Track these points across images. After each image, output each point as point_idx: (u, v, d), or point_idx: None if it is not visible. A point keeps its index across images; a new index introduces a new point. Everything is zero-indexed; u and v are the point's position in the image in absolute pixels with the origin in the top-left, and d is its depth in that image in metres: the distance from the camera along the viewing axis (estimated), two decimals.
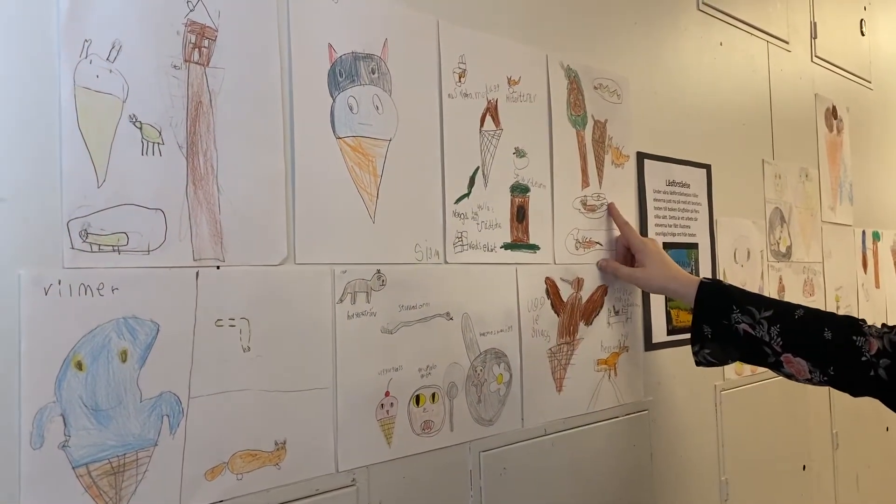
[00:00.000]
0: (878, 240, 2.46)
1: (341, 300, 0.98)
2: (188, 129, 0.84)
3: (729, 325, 1.19)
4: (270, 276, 0.91)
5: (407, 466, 1.05)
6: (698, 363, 1.28)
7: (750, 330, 1.18)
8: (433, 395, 1.09)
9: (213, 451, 0.85)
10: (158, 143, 0.82)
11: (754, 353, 1.19)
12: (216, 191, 0.86)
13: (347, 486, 0.98)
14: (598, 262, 1.39)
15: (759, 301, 1.20)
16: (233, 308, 0.87)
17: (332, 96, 0.99)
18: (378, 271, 1.02)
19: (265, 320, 0.90)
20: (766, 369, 1.40)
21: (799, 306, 1.18)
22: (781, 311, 1.17)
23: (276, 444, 0.90)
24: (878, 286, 2.43)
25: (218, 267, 0.86)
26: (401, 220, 1.06)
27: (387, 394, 1.03)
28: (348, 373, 0.98)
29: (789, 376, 1.17)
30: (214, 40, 0.87)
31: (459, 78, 1.16)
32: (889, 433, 2.43)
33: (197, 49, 0.86)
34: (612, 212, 1.41)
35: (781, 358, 1.15)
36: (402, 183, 1.06)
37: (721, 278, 1.68)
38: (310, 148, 0.95)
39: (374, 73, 1.04)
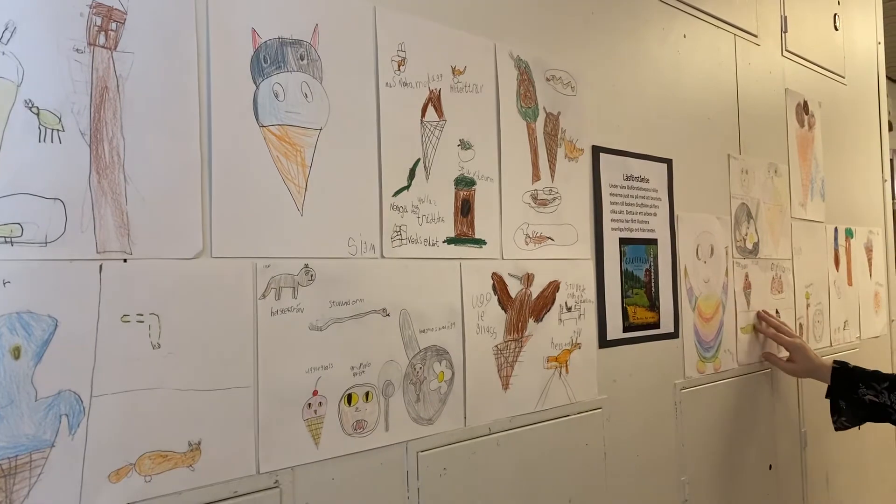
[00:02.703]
0: (852, 237, 2.43)
1: (264, 296, 0.94)
2: (92, 116, 0.80)
3: (858, 397, 1.66)
4: (184, 270, 0.87)
5: (337, 467, 1.01)
6: (837, 429, 1.76)
7: (875, 398, 1.64)
8: (367, 393, 1.05)
9: (118, 452, 0.81)
10: (58, 130, 0.78)
11: (880, 415, 1.65)
12: (123, 180, 0.82)
13: (270, 489, 0.94)
14: (761, 355, 1.92)
15: (877, 376, 1.66)
16: (141, 303, 0.83)
17: (255, 83, 0.95)
18: (306, 266, 0.99)
19: (178, 316, 0.86)
20: (730, 367, 1.78)
21: None
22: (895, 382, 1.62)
23: (190, 444, 0.87)
24: (850, 283, 2.40)
25: (124, 260, 0.82)
26: (332, 213, 1.02)
27: (315, 393, 0.99)
28: (271, 371, 0.94)
29: None
30: (123, 23, 0.83)
31: (398, 66, 1.12)
32: (861, 432, 2.40)
33: (103, 32, 0.82)
34: (764, 320, 1.90)
35: None
36: (334, 174, 1.03)
37: (683, 275, 1.65)
38: (229, 136, 0.92)
39: (302, 60, 1.00)
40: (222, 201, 0.91)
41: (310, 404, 0.98)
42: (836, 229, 2.34)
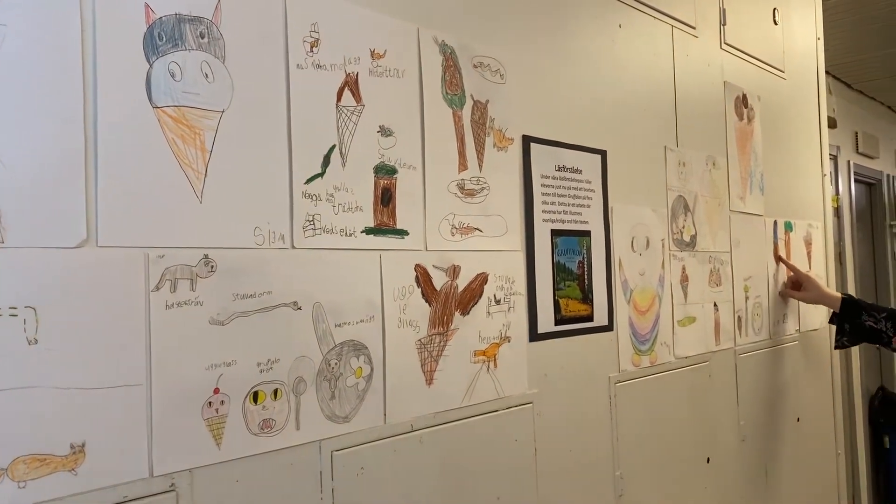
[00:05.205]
0: (791, 230, 2.45)
1: (157, 288, 0.88)
2: None
3: (860, 322, 2.09)
4: (65, 260, 0.81)
5: (241, 469, 0.96)
6: (837, 347, 2.22)
7: (874, 325, 2.06)
8: (275, 391, 1.00)
9: None
10: None
11: (875, 338, 2.07)
12: None
13: (165, 492, 0.89)
14: (779, 292, 2.33)
15: (877, 308, 2.09)
16: (14, 295, 0.77)
17: (148, 61, 0.89)
18: (206, 256, 0.93)
19: (58, 309, 0.80)
20: (667, 361, 1.76)
21: None
22: (893, 313, 2.05)
23: (73, 447, 0.81)
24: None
25: None
26: (236, 201, 0.97)
27: (216, 391, 0.94)
28: (166, 368, 0.89)
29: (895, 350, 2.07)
30: None
31: (311, 47, 1.07)
32: (800, 424, 2.43)
33: None
34: (780, 260, 2.34)
35: (892, 339, 2.03)
36: (238, 159, 0.97)
37: (618, 267, 1.63)
38: (117, 117, 0.86)
39: (203, 38, 0.94)
40: (110, 186, 0.85)
41: (210, 403, 0.93)
42: (775, 222, 2.35)
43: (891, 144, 4.98)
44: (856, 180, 4.41)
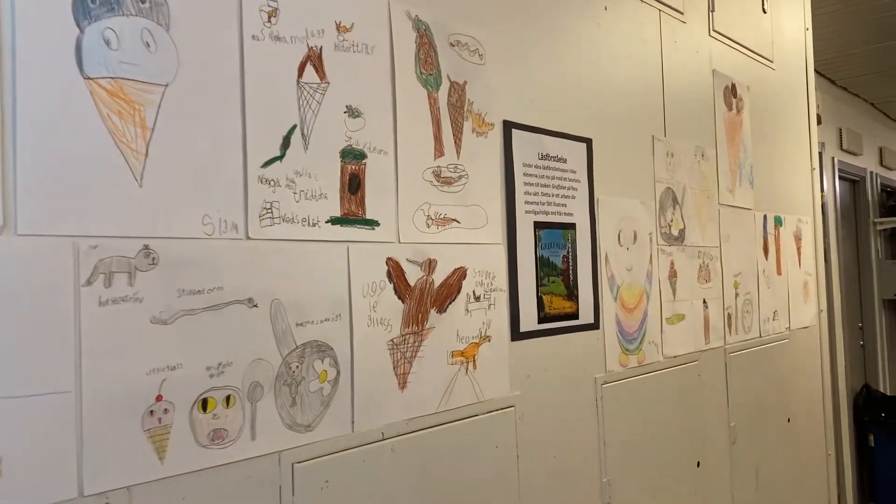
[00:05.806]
0: (781, 225, 2.37)
1: (89, 282, 0.78)
2: None
3: None
4: None
5: (188, 485, 0.86)
6: None
7: None
8: (227, 397, 0.90)
9: None
10: None
11: None
12: None
13: None
14: None
15: None
16: None
17: (79, 27, 0.79)
18: (146, 247, 0.83)
19: None
20: (655, 360, 1.62)
21: None
22: None
23: None
24: (779, 273, 2.34)
25: None
26: (182, 185, 0.87)
27: (158, 398, 0.83)
28: (100, 373, 0.78)
29: None
30: None
31: (269, 17, 0.97)
32: (791, 424, 2.36)
33: None
34: None
35: None
36: (184, 139, 0.87)
37: (604, 262, 1.54)
38: (41, 88, 0.76)
39: (143, 3, 0.84)
40: (31, 166, 0.74)
41: (152, 412, 0.83)
42: (765, 217, 2.27)
43: (875, 141, 4.95)
44: (840, 177, 4.36)
